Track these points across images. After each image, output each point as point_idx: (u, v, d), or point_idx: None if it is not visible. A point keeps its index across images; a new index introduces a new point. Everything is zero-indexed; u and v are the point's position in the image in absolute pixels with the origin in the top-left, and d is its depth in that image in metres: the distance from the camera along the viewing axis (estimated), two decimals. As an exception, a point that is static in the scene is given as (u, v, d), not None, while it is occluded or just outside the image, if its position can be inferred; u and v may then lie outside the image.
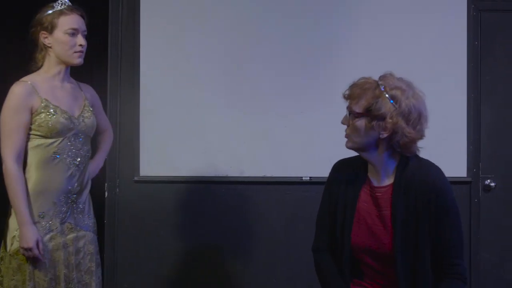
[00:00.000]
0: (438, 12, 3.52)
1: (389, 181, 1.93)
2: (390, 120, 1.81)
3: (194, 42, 3.52)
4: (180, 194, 3.57)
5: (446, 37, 3.52)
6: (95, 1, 3.52)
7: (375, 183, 1.95)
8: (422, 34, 3.52)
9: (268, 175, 3.52)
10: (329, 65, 3.52)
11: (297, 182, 3.52)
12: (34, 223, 2.32)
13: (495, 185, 3.57)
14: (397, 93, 1.83)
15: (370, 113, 1.83)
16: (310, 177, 3.50)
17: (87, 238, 2.49)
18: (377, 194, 1.94)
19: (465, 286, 1.93)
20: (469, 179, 3.52)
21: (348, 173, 2.00)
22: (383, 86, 1.84)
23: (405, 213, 1.88)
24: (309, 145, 3.51)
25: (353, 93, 1.89)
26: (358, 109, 1.86)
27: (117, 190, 3.52)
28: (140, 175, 3.51)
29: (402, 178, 1.90)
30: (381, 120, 1.82)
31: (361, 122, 1.86)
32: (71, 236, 2.43)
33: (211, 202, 3.56)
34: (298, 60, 3.53)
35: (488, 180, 3.57)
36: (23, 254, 2.30)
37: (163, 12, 3.52)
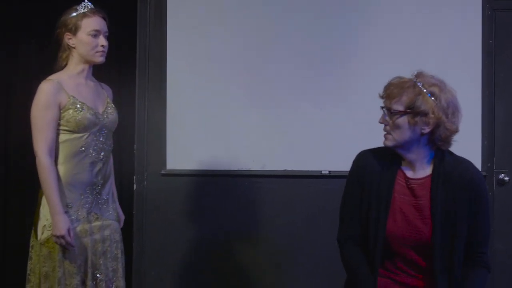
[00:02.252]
0: (453, 11, 3.60)
1: (425, 172, 1.99)
2: (433, 115, 1.89)
3: (217, 43, 3.64)
4: (204, 187, 3.69)
5: (461, 36, 3.59)
6: (125, 5, 3.66)
7: (410, 175, 2.00)
8: (437, 33, 3.59)
9: (289, 169, 3.63)
10: (347, 63, 3.62)
11: (317, 176, 3.62)
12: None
13: (509, 179, 3.66)
14: (435, 89, 1.92)
15: (412, 110, 1.91)
16: (329, 171, 3.60)
17: (112, 227, 2.62)
18: (412, 185, 1.98)
19: (489, 274, 2.02)
20: (483, 174, 3.56)
21: (379, 164, 2.02)
22: (421, 84, 1.92)
23: (445, 204, 1.94)
24: (328, 140, 3.60)
25: (392, 92, 1.94)
26: (400, 107, 1.92)
27: (145, 183, 3.64)
28: (167, 168, 3.64)
29: (441, 170, 1.96)
30: (423, 115, 1.90)
31: (403, 119, 1.92)
32: (97, 224, 2.55)
33: (234, 195, 3.67)
34: (316, 58, 3.63)
35: (502, 175, 3.66)
36: (56, 242, 2.41)
37: (188, 17, 3.64)
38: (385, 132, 1.99)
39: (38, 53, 3.88)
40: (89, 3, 2.57)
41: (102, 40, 2.54)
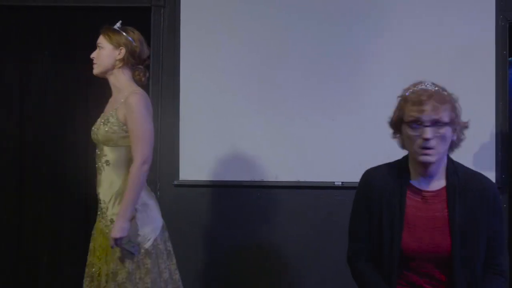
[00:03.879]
0: (466, 21, 3.59)
1: (439, 184, 1.96)
2: (459, 125, 1.93)
3: (229, 54, 3.67)
4: (217, 197, 3.70)
5: (474, 46, 3.58)
6: (139, 16, 3.71)
7: (423, 187, 1.97)
8: (450, 43, 3.59)
9: (302, 180, 3.64)
10: (359, 72, 3.63)
11: (329, 187, 3.63)
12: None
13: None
14: (455, 97, 1.96)
15: (454, 121, 1.91)
16: (342, 182, 3.60)
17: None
18: (427, 197, 1.96)
19: (507, 282, 2.00)
20: (498, 186, 3.55)
21: (387, 180, 2.00)
22: (447, 93, 1.93)
23: (463, 216, 1.91)
24: (340, 151, 3.61)
25: (436, 105, 1.87)
26: (446, 118, 1.88)
27: (158, 193, 3.65)
28: (180, 179, 3.67)
29: (456, 181, 1.95)
30: (458, 126, 1.93)
31: (447, 131, 1.89)
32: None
33: (246, 205, 3.68)
34: (328, 68, 3.64)
35: (517, 186, 3.63)
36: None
37: (200, 27, 3.68)
38: (428, 148, 1.88)
39: (50, 62, 3.94)
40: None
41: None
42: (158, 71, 3.73)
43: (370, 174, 2.07)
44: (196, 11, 3.68)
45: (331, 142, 3.62)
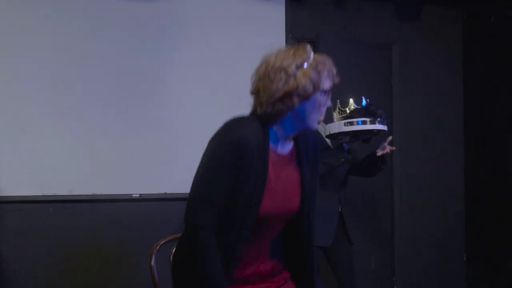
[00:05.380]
0: (258, 39, 3.71)
1: (289, 147, 1.89)
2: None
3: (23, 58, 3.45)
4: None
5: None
6: None
7: (280, 150, 1.85)
8: (245, 58, 3.73)
9: (98, 193, 3.53)
10: (156, 86, 3.64)
11: (127, 200, 3.57)
12: None
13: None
14: None
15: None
16: (140, 194, 3.57)
17: None
18: (284, 160, 1.87)
19: None
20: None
21: (257, 140, 1.76)
22: None
23: (307, 173, 1.92)
24: (138, 163, 3.57)
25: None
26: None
27: None
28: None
29: (302, 141, 1.92)
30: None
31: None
32: None
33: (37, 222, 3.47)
34: (130, 82, 3.61)
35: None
36: None
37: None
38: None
39: None
40: None
41: None
42: None
43: (243, 132, 1.75)
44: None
45: (129, 155, 3.57)
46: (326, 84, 1.77)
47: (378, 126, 2.76)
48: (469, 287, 4.48)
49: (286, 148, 1.88)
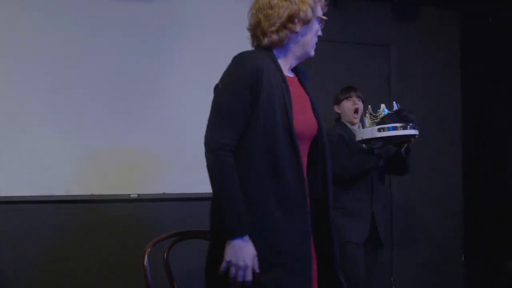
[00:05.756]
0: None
1: (289, 71, 1.97)
2: None
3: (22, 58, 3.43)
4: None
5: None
6: None
7: (288, 74, 1.94)
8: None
9: (96, 193, 3.52)
10: (156, 86, 3.63)
11: (126, 200, 3.56)
12: None
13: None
14: None
15: None
16: (138, 194, 3.56)
17: None
18: (292, 82, 1.93)
19: None
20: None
21: (271, 65, 1.85)
22: None
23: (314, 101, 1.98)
24: (136, 164, 3.56)
25: None
26: None
27: None
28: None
29: (298, 65, 2.01)
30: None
31: None
32: None
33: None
34: (127, 81, 3.60)
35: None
36: None
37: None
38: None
39: None
40: None
41: None
42: None
43: (258, 59, 1.83)
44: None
45: (126, 156, 3.55)
46: (319, 11, 1.97)
47: (410, 131, 2.82)
48: (467, 287, 4.49)
49: (290, 76, 1.97)
